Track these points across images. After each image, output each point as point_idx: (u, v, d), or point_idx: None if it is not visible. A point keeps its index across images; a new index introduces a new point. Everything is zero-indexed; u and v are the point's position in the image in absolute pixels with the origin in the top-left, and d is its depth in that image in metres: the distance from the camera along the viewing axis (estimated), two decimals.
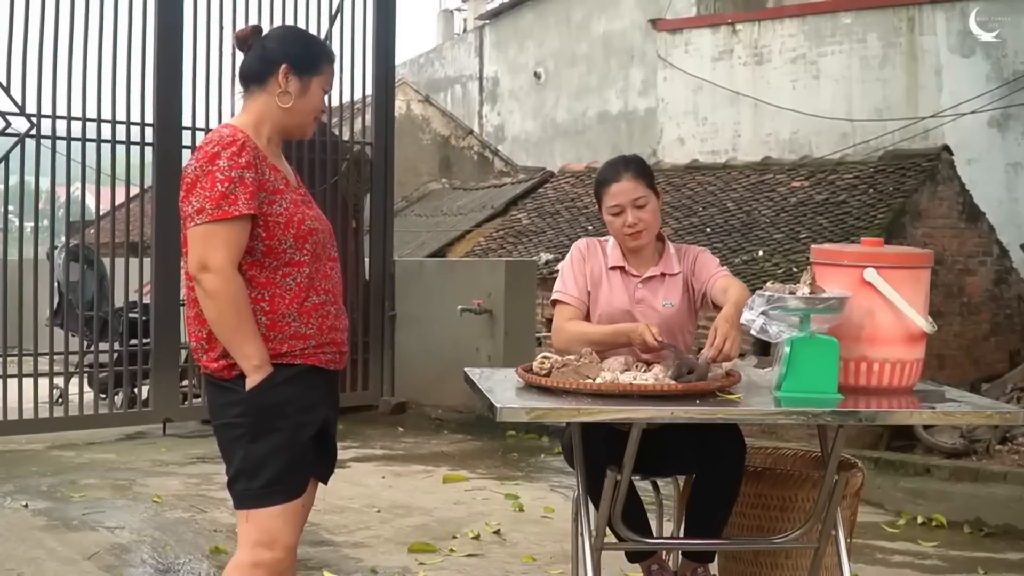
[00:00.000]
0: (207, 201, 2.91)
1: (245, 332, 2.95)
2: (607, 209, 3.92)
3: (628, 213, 3.87)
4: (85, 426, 8.33)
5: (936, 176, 10.37)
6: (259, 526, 3.00)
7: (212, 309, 2.94)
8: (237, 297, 2.93)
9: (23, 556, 5.17)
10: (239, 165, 2.93)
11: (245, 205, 2.92)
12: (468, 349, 8.90)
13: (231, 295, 2.92)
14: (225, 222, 2.90)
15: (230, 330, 2.95)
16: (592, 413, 3.18)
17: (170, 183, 7.84)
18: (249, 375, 2.96)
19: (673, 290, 3.93)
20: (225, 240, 2.91)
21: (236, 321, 2.94)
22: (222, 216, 2.90)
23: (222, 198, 2.90)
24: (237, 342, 2.96)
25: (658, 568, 3.98)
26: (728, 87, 15.72)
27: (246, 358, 2.96)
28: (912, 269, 3.49)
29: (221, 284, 2.91)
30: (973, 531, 5.90)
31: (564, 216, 13.32)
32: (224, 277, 2.91)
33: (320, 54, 3.19)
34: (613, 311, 3.87)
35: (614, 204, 3.88)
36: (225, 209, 2.90)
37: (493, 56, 22.12)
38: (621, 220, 3.88)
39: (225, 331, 2.96)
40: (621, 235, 3.91)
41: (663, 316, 3.86)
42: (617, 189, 3.89)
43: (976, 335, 10.53)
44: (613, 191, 3.89)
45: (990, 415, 3.50)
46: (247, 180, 2.93)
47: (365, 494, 6.57)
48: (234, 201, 2.90)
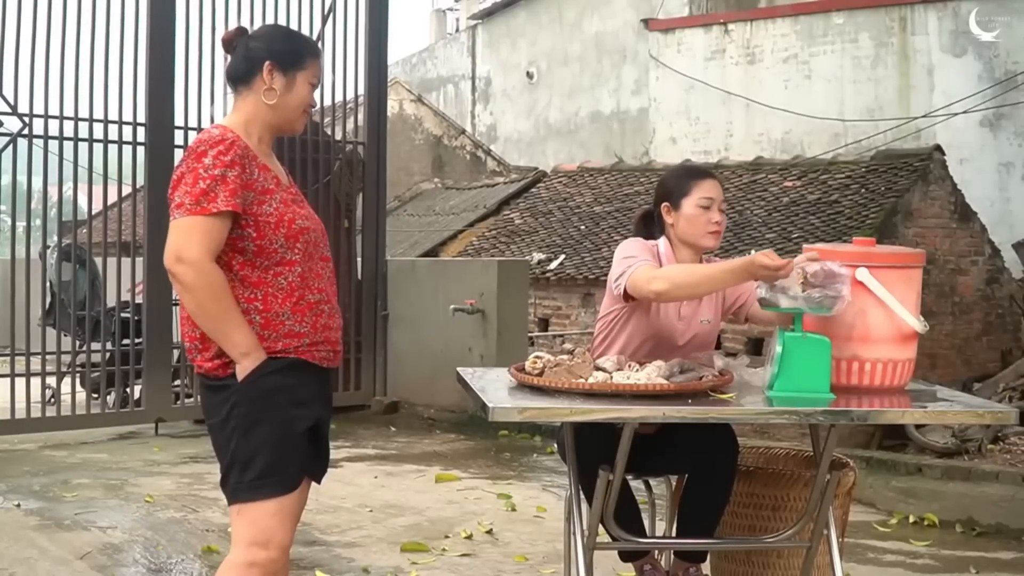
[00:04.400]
0: (187, 196, 2.92)
1: (229, 321, 2.94)
2: (695, 201, 3.81)
3: (715, 210, 3.83)
4: (77, 426, 8.31)
5: (928, 176, 10.38)
6: (253, 525, 2.98)
7: (191, 301, 2.93)
8: (215, 287, 2.91)
9: (15, 556, 5.16)
10: (223, 163, 2.94)
11: (224, 202, 2.92)
12: (460, 349, 8.90)
13: (208, 285, 2.91)
14: (203, 217, 2.91)
15: (213, 320, 2.94)
16: (584, 413, 3.18)
17: (162, 183, 7.77)
18: (239, 363, 2.95)
19: (709, 306, 3.89)
20: (201, 233, 2.90)
21: (217, 310, 2.92)
22: (200, 212, 2.90)
23: (202, 195, 2.91)
24: (222, 331, 2.94)
25: (651, 568, 3.98)
26: (720, 87, 15.74)
27: (234, 346, 2.94)
28: (904, 269, 3.50)
29: (196, 276, 2.90)
30: (965, 530, 5.91)
31: (556, 216, 13.32)
32: (199, 268, 2.90)
33: (303, 49, 3.19)
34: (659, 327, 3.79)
35: (707, 196, 3.81)
36: (204, 206, 2.91)
37: (486, 56, 22.14)
38: (708, 216, 3.81)
39: (208, 322, 2.95)
40: (703, 230, 3.81)
41: (699, 332, 3.84)
42: (711, 185, 3.85)
43: (968, 335, 10.55)
44: (707, 185, 3.84)
45: (982, 414, 3.50)
46: (229, 178, 2.94)
47: (357, 494, 6.56)
48: (213, 198, 2.91)
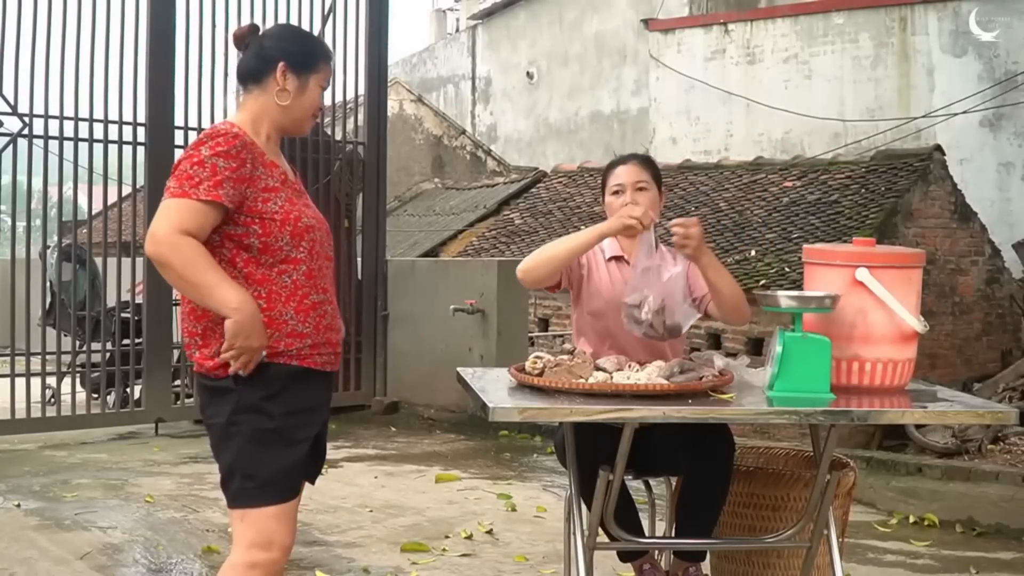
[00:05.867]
0: (174, 181, 2.93)
1: (212, 280, 2.87)
2: (609, 189, 4.00)
3: (628, 193, 3.93)
4: (77, 426, 8.32)
5: (928, 176, 10.37)
6: (255, 527, 2.98)
7: (171, 277, 2.90)
8: (190, 255, 2.86)
9: (15, 556, 5.16)
10: (215, 153, 2.93)
11: (206, 191, 2.89)
12: (461, 349, 8.91)
13: (183, 257, 2.85)
14: (183, 200, 2.89)
15: (195, 288, 2.89)
16: (584, 413, 3.17)
17: (162, 183, 7.78)
18: (231, 318, 2.87)
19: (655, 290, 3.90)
20: (176, 214, 2.88)
21: (197, 275, 2.87)
22: (181, 195, 2.90)
23: (187, 179, 2.91)
24: (208, 295, 2.88)
25: (650, 567, 3.98)
26: (720, 87, 15.72)
27: (223, 305, 2.87)
28: (904, 269, 3.50)
29: (169, 250, 2.86)
30: (965, 530, 5.92)
31: (557, 216, 13.31)
32: (169, 242, 2.85)
33: (318, 52, 3.19)
34: (615, 298, 3.84)
35: (616, 183, 3.98)
36: (186, 191, 2.90)
37: (486, 56, 22.13)
38: (620, 200, 3.93)
39: (192, 291, 2.91)
40: None
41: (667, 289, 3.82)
42: (622, 170, 4.01)
43: (968, 335, 10.53)
44: (617, 172, 4.01)
45: (982, 414, 3.50)
46: (219, 167, 2.92)
47: (358, 494, 6.57)
48: (196, 184, 2.90)
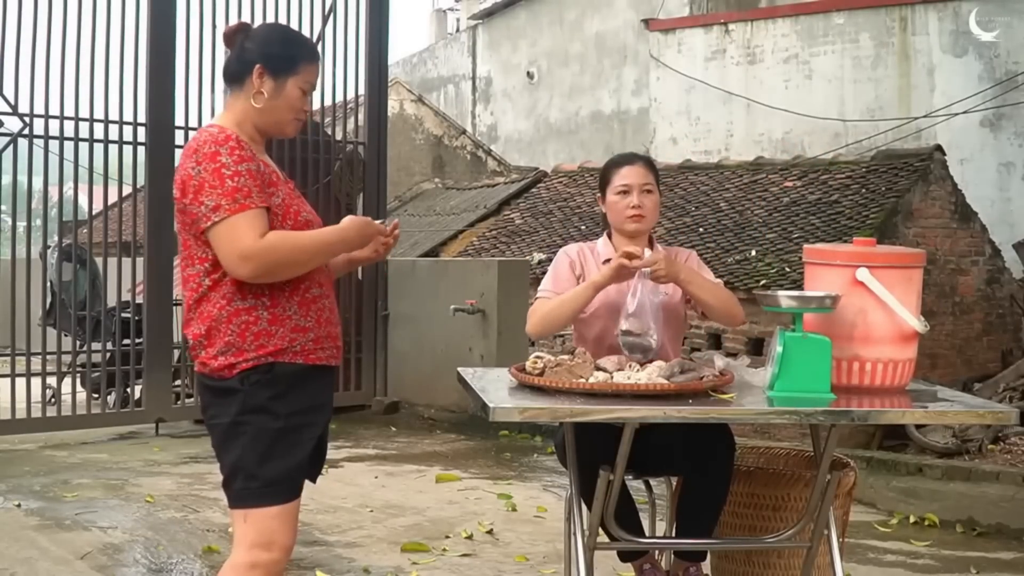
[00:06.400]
0: (222, 198, 2.90)
1: (316, 242, 3.03)
2: (613, 188, 3.95)
3: (634, 195, 3.90)
4: (78, 426, 8.32)
5: (928, 176, 10.36)
6: (256, 527, 2.98)
7: (291, 271, 2.99)
8: (284, 245, 2.95)
9: (16, 556, 5.16)
10: (242, 159, 2.94)
11: (259, 198, 2.94)
12: (461, 349, 8.90)
13: (282, 251, 2.94)
14: (243, 213, 2.91)
15: (314, 256, 3.03)
16: (585, 413, 3.18)
17: (162, 183, 7.85)
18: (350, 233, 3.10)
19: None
20: (247, 226, 2.91)
21: (305, 250, 3.00)
22: (240, 209, 2.90)
23: (236, 192, 2.91)
24: (327, 251, 3.08)
25: (650, 567, 3.98)
26: (721, 87, 15.71)
27: (341, 241, 3.09)
28: (904, 269, 3.50)
29: (266, 256, 2.91)
30: (965, 530, 5.92)
31: (557, 216, 13.30)
32: (261, 251, 2.91)
33: (297, 54, 3.13)
34: (610, 302, 3.85)
35: (623, 183, 3.93)
36: (242, 203, 2.91)
37: (486, 56, 22.11)
38: (626, 201, 3.91)
39: (316, 260, 3.05)
40: (623, 216, 3.92)
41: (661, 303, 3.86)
42: (628, 171, 3.95)
43: (968, 335, 10.53)
44: (624, 172, 3.95)
45: (982, 414, 3.50)
46: (252, 173, 2.95)
47: (358, 494, 6.57)
48: (248, 194, 2.92)
